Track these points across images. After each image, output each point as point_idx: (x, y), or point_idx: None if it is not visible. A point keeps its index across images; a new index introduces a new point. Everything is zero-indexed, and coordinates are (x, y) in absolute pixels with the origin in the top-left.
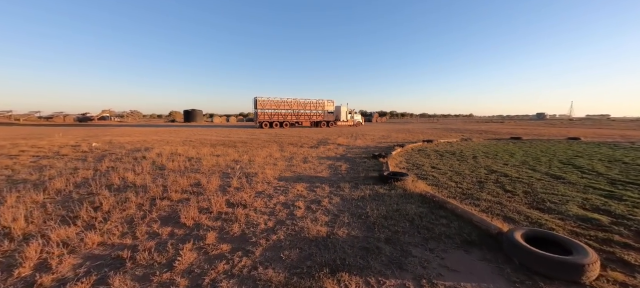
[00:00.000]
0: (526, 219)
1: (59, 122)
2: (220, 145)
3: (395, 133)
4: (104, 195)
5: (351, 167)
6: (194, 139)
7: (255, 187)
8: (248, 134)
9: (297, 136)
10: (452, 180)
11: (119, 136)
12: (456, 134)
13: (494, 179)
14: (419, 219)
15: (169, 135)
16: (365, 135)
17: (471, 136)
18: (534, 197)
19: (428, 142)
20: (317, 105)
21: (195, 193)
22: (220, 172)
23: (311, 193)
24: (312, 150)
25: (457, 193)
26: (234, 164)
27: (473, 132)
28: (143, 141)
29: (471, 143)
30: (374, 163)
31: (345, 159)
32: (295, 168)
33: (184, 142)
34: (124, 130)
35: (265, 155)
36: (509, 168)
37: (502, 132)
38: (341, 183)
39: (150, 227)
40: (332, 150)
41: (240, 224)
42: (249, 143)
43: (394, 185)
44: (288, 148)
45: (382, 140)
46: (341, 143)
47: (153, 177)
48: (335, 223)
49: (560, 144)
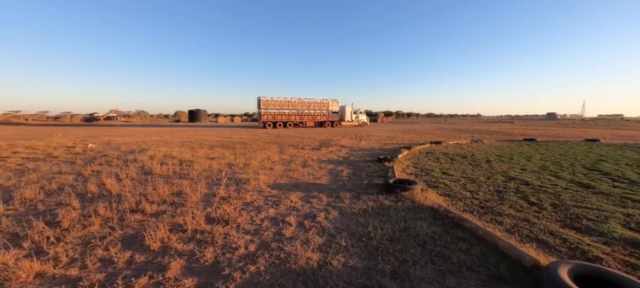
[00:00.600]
0: (563, 243)
1: (66, 122)
2: (219, 146)
3: (402, 134)
4: (72, 207)
5: (353, 172)
6: (194, 139)
7: (243, 197)
8: (250, 135)
9: (299, 137)
10: (467, 188)
11: (120, 137)
12: (465, 135)
13: (514, 188)
14: (432, 242)
15: (170, 135)
16: (370, 136)
17: (481, 137)
18: (566, 212)
19: (436, 144)
20: (322, 105)
21: (175, 204)
22: (210, 178)
23: (306, 205)
24: (314, 152)
25: (473, 206)
26: (228, 168)
27: (483, 132)
28: (142, 142)
29: (482, 145)
30: (378, 168)
31: (348, 163)
32: (292, 174)
33: (183, 143)
34: (126, 131)
35: (262, 158)
36: (528, 174)
37: (514, 132)
38: (341, 192)
39: (107, 252)
40: (334, 152)
41: (215, 248)
42: (248, 144)
43: (400, 196)
44: (288, 150)
45: (387, 142)
46: (345, 144)
47: (135, 184)
48: (330, 247)
49: (579, 146)
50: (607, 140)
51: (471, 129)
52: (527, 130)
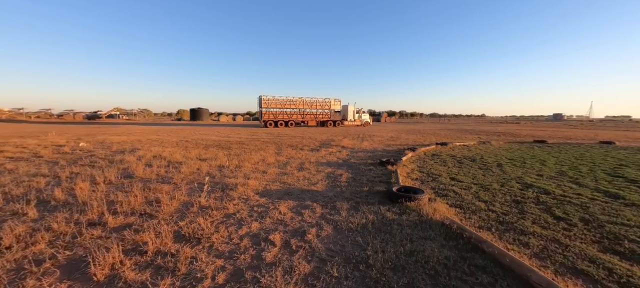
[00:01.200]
0: (609, 275)
1: (68, 119)
2: (215, 146)
3: (405, 134)
4: (27, 217)
5: (353, 176)
6: (191, 138)
7: (226, 207)
8: (250, 134)
9: (300, 137)
10: (480, 198)
11: (116, 135)
12: (472, 136)
13: (533, 198)
14: (446, 273)
15: (168, 134)
16: (373, 136)
17: (489, 138)
18: (600, 229)
19: (442, 145)
20: (324, 104)
21: (146, 215)
22: (195, 183)
23: (296, 217)
24: (312, 154)
25: (490, 220)
26: (217, 171)
27: (489, 133)
28: (136, 141)
29: (491, 147)
30: (380, 172)
31: (348, 166)
32: (286, 179)
33: (179, 142)
34: (126, 129)
35: (257, 160)
36: (546, 181)
37: (522, 134)
38: (338, 201)
39: (39, 283)
40: (334, 154)
41: (176, 279)
42: (246, 144)
43: (405, 206)
44: (286, 151)
45: (390, 143)
46: (346, 145)
47: (111, 189)
48: (319, 279)
49: (593, 148)
50: (622, 143)
51: (477, 129)
52: (536, 132)
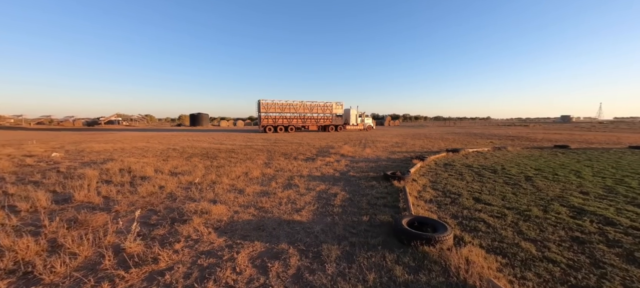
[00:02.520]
0: None
1: (68, 126)
2: (200, 155)
3: (411, 139)
4: None
5: (351, 197)
6: (181, 146)
7: (157, 258)
8: (245, 140)
9: (297, 143)
10: (524, 234)
11: (103, 143)
12: (483, 141)
13: (595, 231)
14: None
15: (159, 141)
16: (376, 141)
17: (502, 143)
18: None
19: (454, 152)
20: (325, 108)
21: (27, 278)
22: (146, 210)
23: (259, 276)
24: (306, 164)
25: (557, 282)
26: (183, 191)
27: (501, 137)
28: (119, 150)
29: (508, 153)
30: (385, 190)
31: (346, 181)
32: (265, 202)
33: (163, 151)
34: (118, 136)
35: (239, 173)
36: (597, 202)
37: (537, 137)
38: (326, 242)
39: None
40: (331, 164)
41: None
42: (236, 153)
43: (422, 254)
44: (277, 161)
45: (396, 149)
46: (346, 153)
47: (23, 223)
48: None
49: (625, 154)
50: None
51: (486, 133)
52: (551, 135)
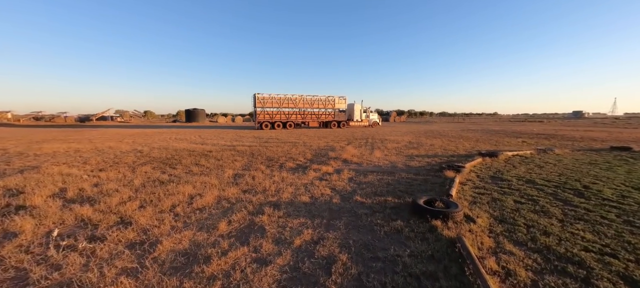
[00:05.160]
0: None
1: (59, 122)
2: (157, 162)
3: (425, 138)
4: None
5: (361, 270)
6: (155, 146)
7: None
8: (233, 139)
9: (292, 142)
10: None
11: (64, 143)
12: (513, 140)
13: None
14: None
15: (133, 140)
16: (386, 141)
17: (537, 143)
18: None
19: (491, 157)
20: (327, 102)
21: None
22: None
23: None
24: (293, 178)
25: None
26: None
27: (528, 135)
28: (73, 151)
29: (563, 158)
30: (424, 247)
31: (350, 217)
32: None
33: (118, 155)
34: (96, 133)
35: (183, 198)
36: None
37: (575, 136)
38: None
39: None
40: (328, 178)
41: None
42: (208, 157)
43: None
44: (253, 172)
45: (412, 152)
46: (349, 158)
47: None
48: None
49: None
50: None
51: (506, 130)
52: (582, 132)
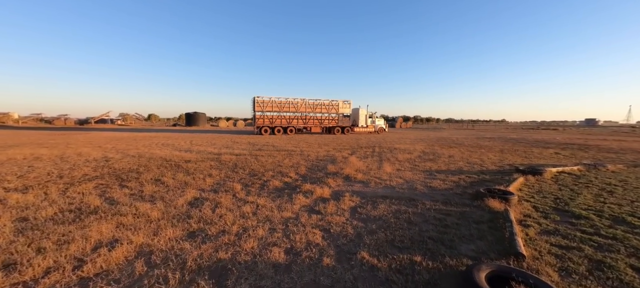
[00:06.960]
0: None
1: (58, 124)
2: (108, 177)
3: (440, 147)
4: None
5: None
6: (135, 152)
7: None
8: (225, 145)
9: (288, 151)
10: None
11: (44, 147)
12: (544, 151)
13: None
14: None
15: (117, 144)
16: (395, 150)
17: (571, 154)
18: None
19: (534, 175)
20: (330, 107)
21: None
22: None
23: None
24: (272, 207)
25: None
26: None
27: (552, 145)
28: (36, 158)
29: (619, 175)
30: None
31: None
32: None
33: (77, 164)
34: (86, 136)
35: (76, 250)
36: None
37: (610, 146)
38: None
39: None
40: (321, 209)
41: None
42: (180, 170)
43: None
44: (224, 194)
45: (430, 165)
46: (353, 174)
47: None
48: None
49: None
50: None
51: (526, 138)
52: (611, 143)
